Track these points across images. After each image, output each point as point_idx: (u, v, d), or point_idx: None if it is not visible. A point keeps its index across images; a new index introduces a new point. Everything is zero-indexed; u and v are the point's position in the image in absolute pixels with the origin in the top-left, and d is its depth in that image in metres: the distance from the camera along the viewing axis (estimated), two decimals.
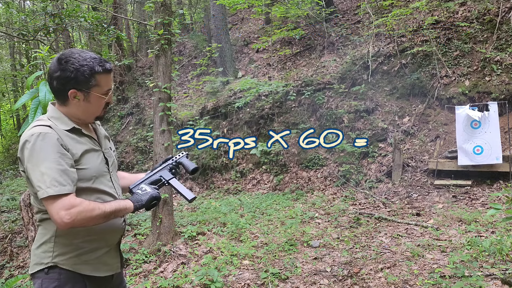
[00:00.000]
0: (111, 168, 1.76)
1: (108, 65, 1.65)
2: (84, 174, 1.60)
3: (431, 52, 7.81)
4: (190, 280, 3.91)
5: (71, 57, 1.58)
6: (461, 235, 4.35)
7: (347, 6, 11.80)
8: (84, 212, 1.48)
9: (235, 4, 10.06)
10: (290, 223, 5.38)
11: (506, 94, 6.78)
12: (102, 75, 1.62)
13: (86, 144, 1.65)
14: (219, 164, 8.74)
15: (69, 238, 1.61)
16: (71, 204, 1.46)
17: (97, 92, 1.63)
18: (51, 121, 1.61)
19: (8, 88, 14.25)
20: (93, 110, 1.68)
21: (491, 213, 2.48)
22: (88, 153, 1.64)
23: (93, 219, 1.52)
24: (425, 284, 3.37)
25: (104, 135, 1.83)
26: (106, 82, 1.65)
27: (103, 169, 1.70)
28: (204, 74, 11.47)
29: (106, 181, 1.70)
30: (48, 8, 6.01)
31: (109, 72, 1.66)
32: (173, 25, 5.25)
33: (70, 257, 1.61)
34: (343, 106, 8.09)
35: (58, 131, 1.57)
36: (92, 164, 1.64)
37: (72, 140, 1.60)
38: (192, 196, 1.82)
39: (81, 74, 1.57)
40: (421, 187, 6.29)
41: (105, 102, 1.70)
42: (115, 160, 1.85)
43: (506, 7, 7.63)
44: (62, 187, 1.47)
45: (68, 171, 1.51)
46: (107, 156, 1.76)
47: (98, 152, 1.71)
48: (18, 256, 5.29)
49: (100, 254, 1.68)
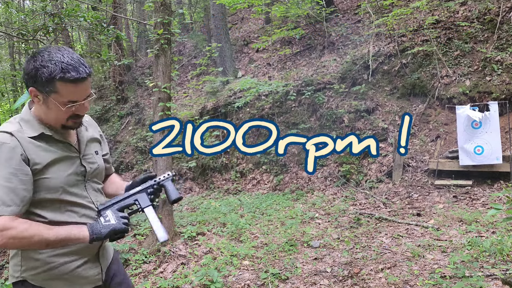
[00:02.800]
0: (89, 175, 1.61)
1: (74, 74, 1.40)
2: (48, 184, 1.47)
3: (432, 52, 7.80)
4: (190, 281, 3.89)
5: (41, 54, 1.42)
6: (462, 235, 4.34)
7: (347, 6, 11.78)
8: (18, 237, 1.36)
9: (235, 4, 10.05)
10: (290, 223, 5.37)
11: (506, 94, 6.77)
12: (62, 83, 1.40)
13: (56, 152, 1.50)
14: (219, 164, 8.73)
15: (34, 252, 1.50)
16: (4, 227, 1.35)
17: (55, 100, 1.43)
18: (20, 124, 1.48)
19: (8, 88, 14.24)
20: (54, 117, 1.49)
21: (492, 213, 2.47)
22: (57, 163, 1.49)
23: (31, 245, 1.40)
24: (426, 284, 3.36)
25: (89, 138, 1.67)
26: (69, 92, 1.42)
27: (75, 178, 1.55)
28: (204, 74, 11.45)
29: (79, 191, 1.56)
30: (47, 8, 6.00)
31: (73, 82, 1.41)
32: (173, 24, 5.24)
33: (39, 273, 1.50)
34: (344, 106, 8.08)
35: (21, 138, 1.43)
36: (59, 174, 1.49)
37: (38, 148, 1.46)
38: (164, 238, 1.56)
39: (39, 75, 1.40)
40: (421, 187, 6.28)
41: (73, 113, 1.48)
42: (100, 165, 1.67)
43: (507, 6, 7.61)
44: (5, 208, 1.36)
45: (17, 189, 1.38)
46: (86, 163, 1.60)
47: (72, 159, 1.55)
48: None
49: (73, 267, 1.55)
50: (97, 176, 1.68)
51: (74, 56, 1.44)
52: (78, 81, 1.42)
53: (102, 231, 1.46)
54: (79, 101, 1.46)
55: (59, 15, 5.69)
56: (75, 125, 1.55)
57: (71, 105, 1.45)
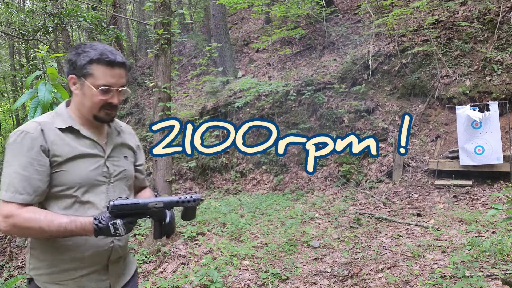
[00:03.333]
0: (112, 178, 1.56)
1: (111, 56, 1.47)
2: (65, 179, 1.45)
3: (432, 52, 7.80)
4: (190, 281, 3.89)
5: (83, 44, 1.53)
6: (462, 235, 4.34)
7: (347, 6, 11.79)
8: (20, 226, 1.38)
9: (235, 4, 10.05)
10: (290, 223, 5.37)
11: (506, 94, 6.77)
12: (99, 66, 1.47)
13: (79, 148, 1.49)
14: (219, 164, 8.72)
15: (42, 253, 1.49)
16: (10, 213, 1.38)
17: (90, 83, 1.47)
18: (53, 116, 1.53)
19: (8, 88, 14.23)
20: (88, 105, 1.51)
21: (492, 213, 2.47)
22: (78, 158, 1.48)
23: (31, 235, 1.44)
24: (426, 284, 3.36)
25: (120, 143, 1.65)
26: (104, 75, 1.47)
27: (96, 178, 1.51)
28: (204, 74, 11.45)
29: (97, 193, 1.51)
30: (47, 8, 6.00)
31: (108, 64, 1.47)
32: (173, 24, 5.24)
33: (42, 274, 1.49)
34: (344, 106, 8.08)
35: (48, 129, 1.46)
36: (79, 170, 1.47)
37: (63, 141, 1.47)
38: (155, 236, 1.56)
39: (80, 58, 1.48)
40: (421, 187, 6.28)
41: (104, 101, 1.50)
42: (127, 170, 1.63)
43: (507, 6, 7.61)
44: (17, 195, 1.39)
45: (31, 179, 1.40)
46: (110, 165, 1.56)
47: (96, 158, 1.53)
48: (17, 257, 5.28)
49: (76, 276, 1.49)
50: (123, 181, 1.61)
51: (115, 50, 1.52)
52: (113, 64, 1.48)
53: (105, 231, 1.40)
54: (113, 87, 1.49)
55: (59, 15, 5.69)
56: (107, 117, 1.54)
57: (105, 88, 1.47)
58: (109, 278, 1.57)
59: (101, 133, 1.59)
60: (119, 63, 1.49)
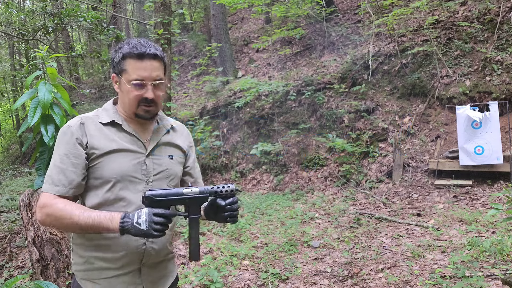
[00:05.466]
0: (152, 176, 1.50)
1: (141, 49, 1.42)
2: (101, 172, 1.44)
3: (432, 52, 7.80)
4: (190, 281, 3.89)
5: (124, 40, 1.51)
6: (462, 235, 4.34)
7: (347, 6, 11.79)
8: (52, 216, 1.38)
9: (235, 4, 10.05)
10: (290, 223, 5.37)
11: (506, 94, 6.77)
12: (131, 60, 1.43)
13: (119, 142, 1.47)
14: (219, 164, 8.73)
15: (80, 248, 1.49)
16: (45, 204, 1.39)
17: (124, 79, 1.45)
18: (99, 111, 1.53)
19: (8, 88, 14.24)
20: (127, 101, 1.48)
21: (492, 213, 2.47)
22: (117, 152, 1.45)
23: (62, 227, 1.41)
24: (426, 284, 3.36)
25: (167, 141, 1.58)
26: (135, 68, 1.42)
27: (132, 174, 1.46)
28: (204, 74, 11.45)
29: (134, 190, 1.46)
30: (47, 8, 6.00)
31: (139, 57, 1.42)
32: (173, 24, 5.24)
33: (80, 270, 1.50)
34: (344, 106, 8.08)
35: (90, 123, 1.47)
36: (116, 165, 1.44)
37: (103, 135, 1.46)
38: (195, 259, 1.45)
39: (116, 56, 1.46)
40: (421, 187, 6.28)
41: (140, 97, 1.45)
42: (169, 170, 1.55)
43: (507, 6, 7.62)
44: (53, 187, 1.41)
45: (67, 171, 1.41)
46: (150, 162, 1.50)
47: (135, 154, 1.48)
48: (17, 257, 5.28)
49: (109, 276, 1.47)
50: (165, 181, 1.54)
51: (149, 41, 1.47)
52: (143, 56, 1.42)
53: (131, 231, 1.32)
54: (146, 80, 1.43)
55: (59, 15, 5.69)
56: (146, 114, 1.48)
57: (137, 82, 1.42)
58: (142, 283, 1.50)
59: (146, 130, 1.55)
60: (150, 55, 1.43)
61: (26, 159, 13.87)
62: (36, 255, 2.74)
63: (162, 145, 1.57)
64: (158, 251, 1.52)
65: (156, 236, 1.31)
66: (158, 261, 1.55)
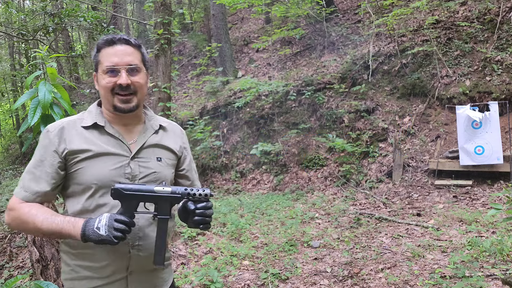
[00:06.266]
0: (137, 180, 1.41)
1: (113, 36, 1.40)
2: (81, 178, 1.37)
3: (432, 52, 7.80)
4: (190, 281, 3.89)
5: None
6: (462, 235, 4.34)
7: (347, 6, 11.79)
8: (17, 220, 1.36)
9: (235, 4, 10.05)
10: (290, 223, 5.37)
11: (506, 94, 6.77)
12: (102, 50, 1.40)
13: (101, 146, 1.39)
14: (219, 164, 8.73)
15: (67, 256, 1.44)
16: (12, 207, 1.37)
17: (99, 71, 1.41)
18: (83, 114, 1.48)
19: (8, 88, 14.24)
20: (103, 95, 1.41)
21: (492, 213, 2.47)
22: (98, 156, 1.38)
23: (26, 230, 1.39)
24: (426, 284, 3.36)
25: (155, 143, 1.49)
26: (106, 56, 1.37)
27: (114, 179, 1.37)
28: (204, 74, 11.46)
29: None
30: (47, 8, 6.00)
31: (110, 44, 1.38)
32: (173, 24, 5.25)
33: (67, 279, 1.44)
34: (344, 106, 8.08)
35: (71, 127, 1.41)
36: (97, 169, 1.37)
37: (85, 139, 1.39)
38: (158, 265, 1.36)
39: (93, 53, 1.44)
40: (421, 187, 6.28)
41: (113, 84, 1.37)
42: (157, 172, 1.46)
43: (507, 6, 7.62)
44: (22, 192, 1.38)
45: (39, 179, 1.37)
46: (135, 165, 1.42)
47: (119, 158, 1.40)
48: (17, 257, 5.28)
49: (94, 285, 1.40)
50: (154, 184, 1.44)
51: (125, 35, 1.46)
52: (114, 42, 1.38)
53: (91, 236, 1.26)
54: (118, 65, 1.36)
55: (59, 15, 5.69)
56: (123, 104, 1.39)
57: (109, 68, 1.36)
58: None
59: (131, 131, 1.47)
60: (121, 40, 1.39)
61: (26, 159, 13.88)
62: (36, 255, 2.74)
63: (150, 147, 1.47)
64: (147, 258, 1.41)
65: (115, 243, 1.25)
66: (148, 269, 1.46)
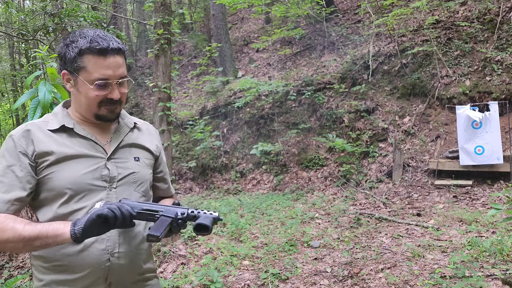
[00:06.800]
0: (116, 182, 1.33)
1: (103, 43, 1.25)
2: (53, 183, 1.26)
3: (432, 52, 7.80)
4: (190, 281, 3.89)
5: (73, 33, 1.31)
6: (462, 235, 4.34)
7: (347, 6, 11.79)
8: None
9: (235, 4, 10.05)
10: (290, 223, 5.37)
11: (506, 94, 6.77)
12: (90, 56, 1.25)
13: (72, 148, 1.30)
14: (219, 164, 8.72)
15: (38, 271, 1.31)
16: None
17: (83, 78, 1.27)
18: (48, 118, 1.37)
19: (8, 88, 14.23)
20: (85, 103, 1.31)
21: (492, 213, 2.47)
22: (70, 159, 1.28)
23: (3, 242, 1.18)
24: (426, 284, 3.36)
25: (131, 142, 1.42)
26: (97, 66, 1.25)
27: (91, 182, 1.28)
28: (204, 74, 11.46)
29: (95, 199, 1.29)
30: (47, 8, 6.00)
31: (101, 53, 1.25)
32: (173, 24, 5.25)
33: None
34: (344, 106, 8.08)
35: (37, 130, 1.30)
36: (69, 173, 1.26)
37: (53, 142, 1.29)
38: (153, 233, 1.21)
39: (69, 51, 1.27)
40: (421, 187, 6.28)
41: (103, 97, 1.28)
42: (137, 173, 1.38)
43: (507, 6, 7.61)
44: None
45: (9, 186, 1.24)
46: (112, 166, 1.33)
47: (93, 159, 1.31)
48: (17, 257, 5.28)
49: None
50: (132, 186, 1.37)
51: (108, 34, 1.31)
52: (107, 52, 1.26)
53: (82, 220, 1.16)
54: (110, 79, 1.27)
55: (59, 15, 5.69)
56: (110, 114, 1.33)
57: (101, 82, 1.26)
58: None
59: (104, 131, 1.38)
60: (113, 50, 1.27)
61: None
62: None
63: (126, 147, 1.40)
64: (127, 267, 1.32)
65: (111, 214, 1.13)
66: (131, 281, 1.35)
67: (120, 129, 1.41)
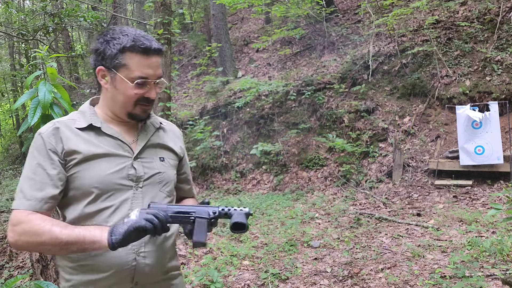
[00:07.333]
0: (142, 181, 1.33)
1: (147, 43, 1.27)
2: (80, 182, 1.27)
3: (432, 52, 7.80)
4: (190, 281, 3.89)
5: (112, 29, 1.32)
6: (462, 235, 4.34)
7: (347, 6, 11.79)
8: (28, 233, 1.18)
9: (235, 4, 10.05)
10: (290, 223, 5.37)
11: (506, 94, 6.77)
12: (133, 54, 1.27)
13: (100, 147, 1.30)
14: (219, 164, 8.72)
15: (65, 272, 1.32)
16: (19, 221, 1.20)
17: (123, 75, 1.28)
18: (75, 115, 1.37)
19: (8, 88, 14.24)
20: (121, 101, 1.31)
21: (492, 213, 2.47)
22: (97, 158, 1.29)
23: (40, 244, 1.18)
24: (426, 284, 3.36)
25: (157, 143, 1.42)
26: (139, 66, 1.27)
27: (118, 182, 1.29)
28: (204, 74, 11.46)
29: (122, 198, 1.29)
30: (47, 8, 6.00)
31: (144, 52, 1.27)
32: (173, 24, 5.25)
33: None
34: (344, 106, 8.08)
35: (65, 128, 1.30)
36: (97, 172, 1.27)
37: (81, 140, 1.30)
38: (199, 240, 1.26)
39: (108, 48, 1.28)
40: (421, 187, 6.28)
41: (140, 96, 1.30)
42: (164, 173, 1.39)
43: (507, 6, 7.61)
44: (25, 202, 1.23)
45: (41, 183, 1.24)
46: (139, 166, 1.33)
47: (120, 158, 1.32)
48: (17, 257, 5.28)
49: None
50: (158, 186, 1.37)
51: (148, 34, 1.34)
52: (149, 52, 1.28)
53: (120, 230, 1.15)
54: (150, 79, 1.29)
55: (59, 15, 5.69)
56: (143, 114, 1.35)
57: (141, 81, 1.28)
58: None
59: (130, 130, 1.39)
60: (155, 50, 1.29)
61: None
62: (36, 255, 2.74)
63: (152, 147, 1.40)
64: (153, 267, 1.32)
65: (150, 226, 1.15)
66: (156, 280, 1.36)
67: (147, 129, 1.42)
